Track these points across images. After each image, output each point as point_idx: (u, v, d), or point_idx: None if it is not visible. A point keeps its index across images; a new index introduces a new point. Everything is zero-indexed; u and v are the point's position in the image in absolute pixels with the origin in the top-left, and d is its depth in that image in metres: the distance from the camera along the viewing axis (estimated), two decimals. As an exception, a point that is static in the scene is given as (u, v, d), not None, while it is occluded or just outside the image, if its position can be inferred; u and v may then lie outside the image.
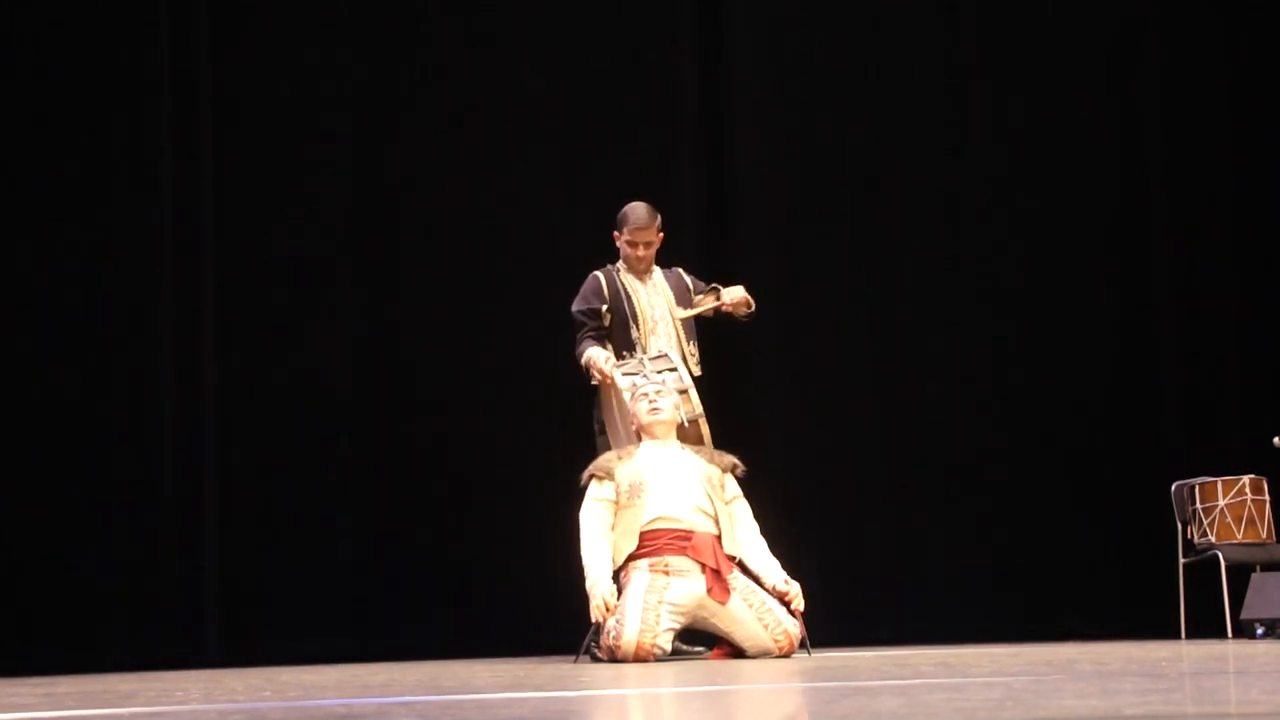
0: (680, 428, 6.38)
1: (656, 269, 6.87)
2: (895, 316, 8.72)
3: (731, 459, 6.34)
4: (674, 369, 6.47)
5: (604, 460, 6.30)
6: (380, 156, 8.34)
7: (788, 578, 6.12)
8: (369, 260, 8.26)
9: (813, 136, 8.74)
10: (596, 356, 6.57)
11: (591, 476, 6.25)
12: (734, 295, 6.82)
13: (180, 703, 4.06)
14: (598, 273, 6.80)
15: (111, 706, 4.00)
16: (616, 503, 6.18)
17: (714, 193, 8.60)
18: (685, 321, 6.81)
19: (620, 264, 6.82)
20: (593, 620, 6.00)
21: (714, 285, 6.86)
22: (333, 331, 8.17)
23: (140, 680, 5.61)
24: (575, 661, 6.01)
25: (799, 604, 6.05)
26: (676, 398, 6.37)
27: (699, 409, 6.45)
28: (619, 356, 6.61)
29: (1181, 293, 8.89)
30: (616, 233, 6.80)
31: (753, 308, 6.89)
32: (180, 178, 7.97)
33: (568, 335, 6.78)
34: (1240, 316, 8.90)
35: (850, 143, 8.76)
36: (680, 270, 6.93)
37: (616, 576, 6.16)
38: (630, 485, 6.16)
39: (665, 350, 6.60)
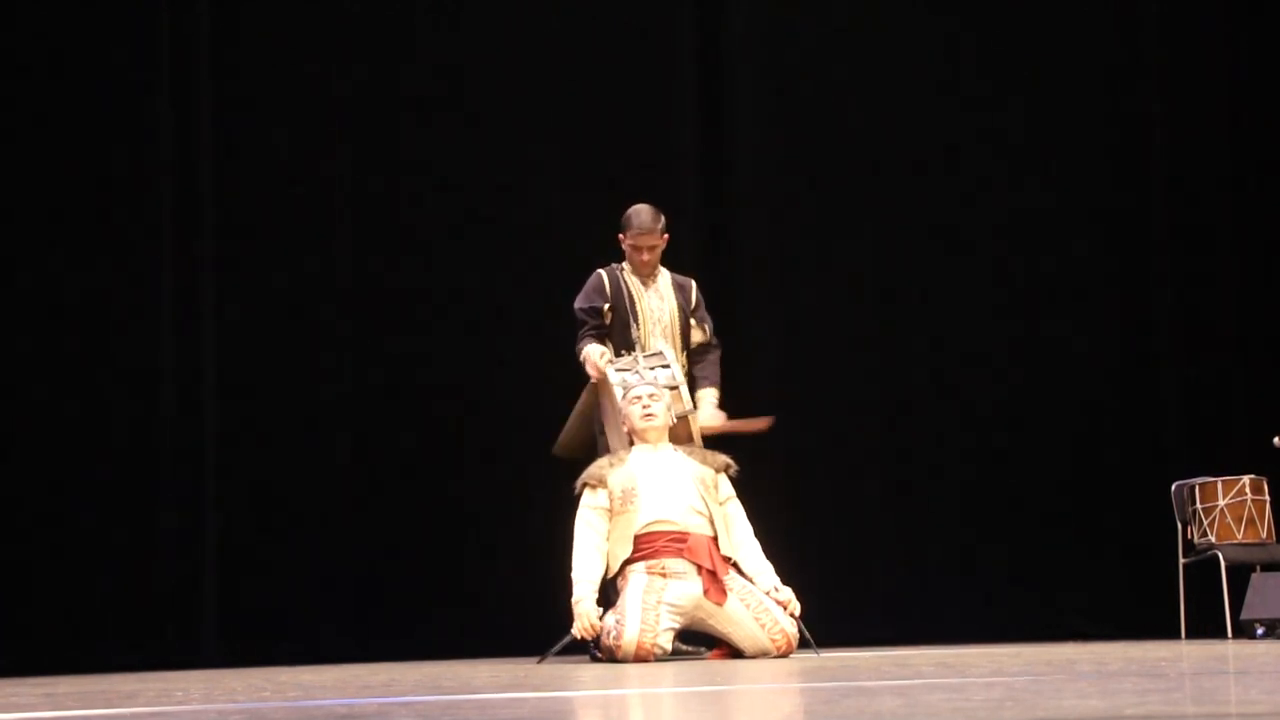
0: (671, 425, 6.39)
1: (666, 273, 6.86)
2: (896, 315, 8.72)
3: (724, 459, 6.34)
4: (667, 365, 6.48)
5: (596, 468, 6.30)
6: (380, 157, 8.33)
7: (777, 584, 6.12)
8: (369, 260, 8.25)
9: (813, 135, 8.73)
10: (592, 353, 6.58)
11: (584, 485, 6.25)
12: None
13: (180, 703, 4.06)
14: (601, 271, 6.80)
15: (111, 706, 4.00)
16: (610, 509, 6.19)
17: (712, 191, 8.59)
18: (685, 330, 6.80)
19: (625, 264, 6.83)
20: (578, 637, 6.01)
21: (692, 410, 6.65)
22: (333, 332, 8.16)
23: (140, 680, 5.61)
24: (539, 662, 6.01)
25: (795, 608, 6.06)
26: (668, 396, 6.36)
27: (689, 405, 6.45)
28: (618, 355, 6.61)
29: (1181, 292, 8.88)
30: (621, 235, 6.80)
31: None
32: (180, 177, 7.96)
33: (569, 335, 6.79)
34: (1240, 316, 8.90)
35: (851, 143, 8.75)
36: (694, 285, 6.90)
37: (614, 583, 6.17)
38: (623, 491, 6.17)
39: (661, 347, 6.61)
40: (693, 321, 6.84)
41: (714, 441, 6.55)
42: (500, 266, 8.29)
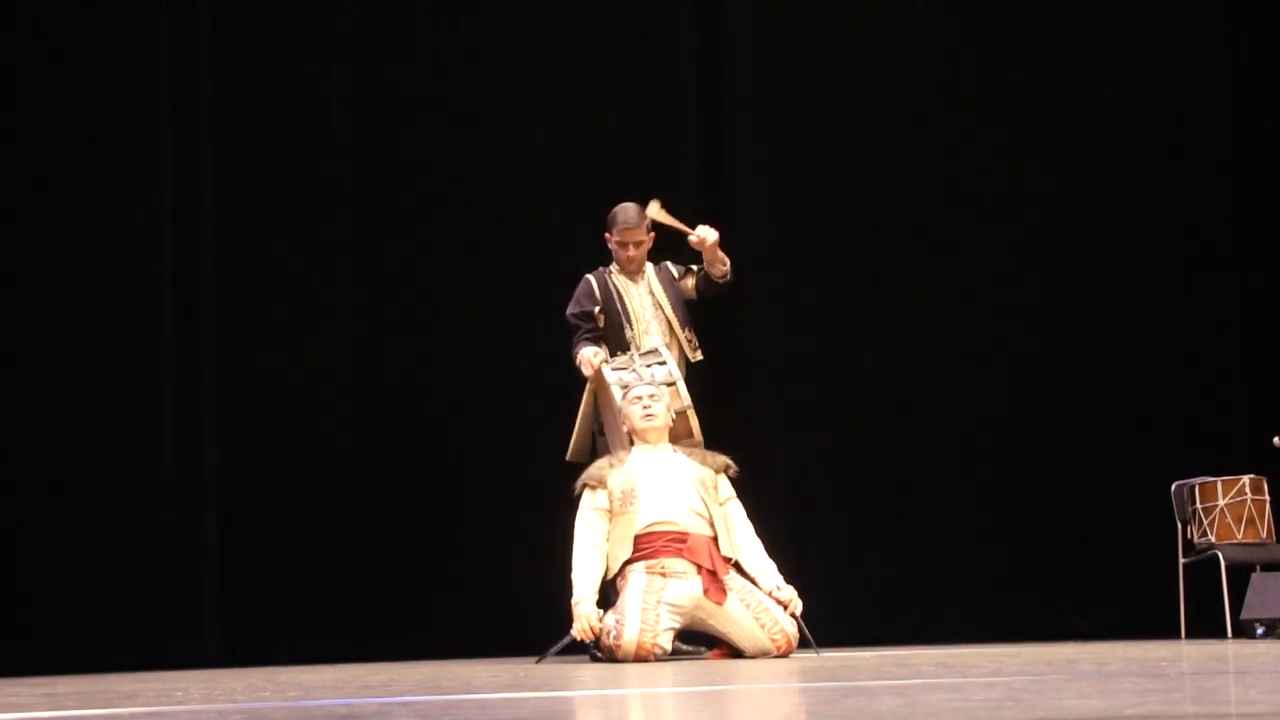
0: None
1: (649, 265, 6.90)
2: (896, 315, 8.72)
3: (724, 460, 6.34)
4: (664, 362, 6.49)
5: (596, 469, 6.30)
6: (380, 157, 8.33)
7: (780, 584, 6.11)
8: (369, 261, 8.26)
9: (813, 136, 8.73)
10: (587, 353, 6.60)
11: (584, 486, 6.25)
12: (704, 233, 6.74)
13: (180, 703, 4.06)
14: (589, 275, 6.85)
15: (111, 706, 4.00)
16: (610, 510, 6.19)
17: (713, 193, 8.59)
18: (679, 308, 6.81)
19: (613, 266, 6.86)
20: (578, 639, 6.01)
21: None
22: (333, 332, 8.17)
23: (140, 680, 5.62)
24: (537, 663, 6.02)
25: (796, 608, 6.06)
26: (667, 395, 6.36)
27: (687, 401, 6.45)
28: (613, 356, 6.62)
29: (1181, 293, 8.88)
30: (607, 234, 6.83)
31: (727, 265, 6.81)
32: (180, 175, 7.97)
33: (567, 338, 6.80)
34: (1240, 316, 8.90)
35: (851, 141, 8.75)
36: (667, 263, 6.94)
37: (614, 583, 6.17)
38: (623, 492, 6.17)
39: (655, 345, 6.63)
40: (688, 279, 6.85)
41: (714, 442, 6.55)
42: (501, 266, 8.30)
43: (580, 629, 5.99)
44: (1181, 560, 8.06)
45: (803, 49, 8.77)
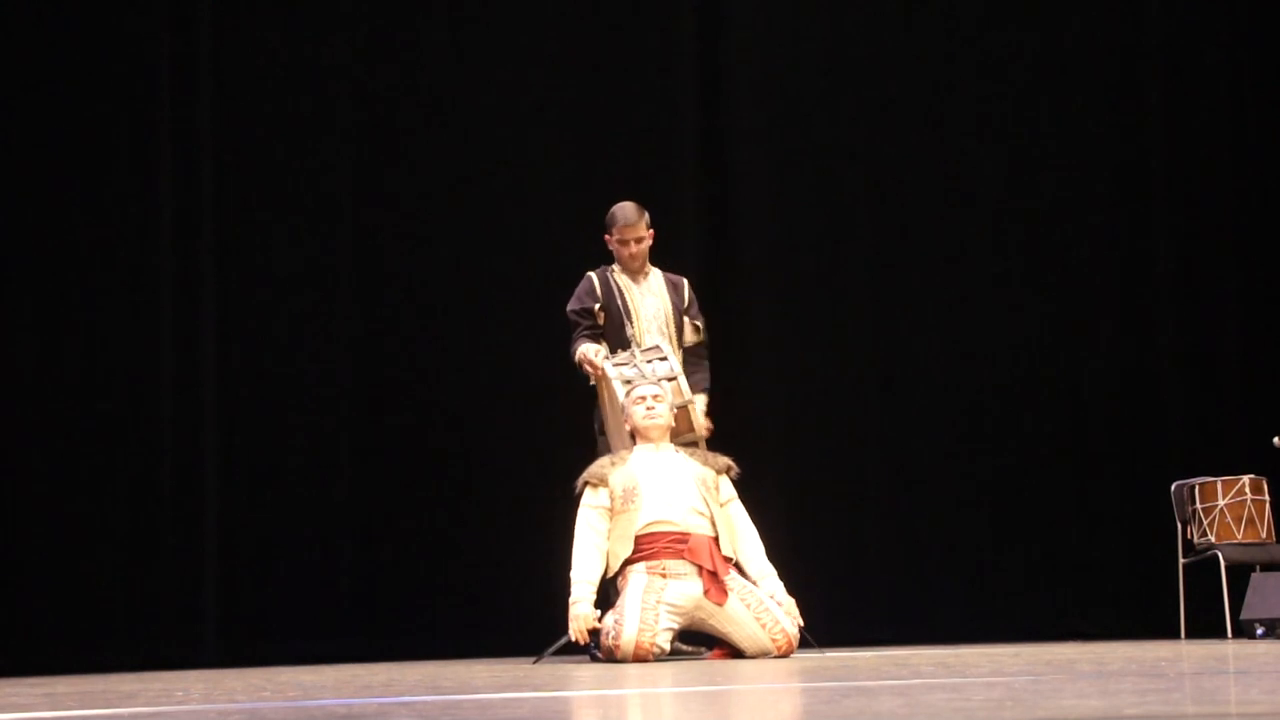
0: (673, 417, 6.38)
1: (656, 271, 6.87)
2: (896, 315, 8.72)
3: (726, 460, 6.33)
4: (665, 358, 6.48)
5: (597, 467, 6.29)
6: (380, 157, 8.33)
7: (777, 594, 6.09)
8: (369, 261, 8.26)
9: (812, 136, 8.73)
10: (588, 350, 6.58)
11: (585, 484, 6.24)
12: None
13: (180, 703, 4.06)
14: (591, 273, 6.83)
15: (111, 706, 4.00)
16: (611, 509, 6.18)
17: (714, 192, 8.59)
18: (677, 327, 6.78)
19: (615, 265, 6.84)
20: (572, 640, 6.01)
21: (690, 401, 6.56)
22: (333, 332, 8.17)
23: (140, 680, 5.61)
24: (535, 663, 6.02)
25: (794, 615, 6.05)
26: (669, 395, 6.35)
27: (689, 395, 6.45)
28: (614, 354, 6.61)
29: (1181, 292, 8.89)
30: (607, 235, 6.81)
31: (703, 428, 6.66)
32: (180, 175, 7.97)
33: (567, 337, 6.79)
34: (1240, 316, 8.90)
35: (850, 141, 8.76)
36: (686, 283, 6.89)
37: (614, 582, 6.17)
38: (624, 490, 6.16)
39: (657, 341, 6.61)
40: (686, 320, 6.84)
41: (715, 443, 6.54)
42: (501, 267, 8.29)
43: (575, 629, 5.99)
44: (1181, 560, 8.06)
45: (803, 49, 8.77)
